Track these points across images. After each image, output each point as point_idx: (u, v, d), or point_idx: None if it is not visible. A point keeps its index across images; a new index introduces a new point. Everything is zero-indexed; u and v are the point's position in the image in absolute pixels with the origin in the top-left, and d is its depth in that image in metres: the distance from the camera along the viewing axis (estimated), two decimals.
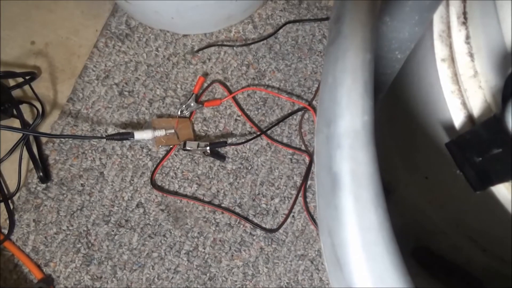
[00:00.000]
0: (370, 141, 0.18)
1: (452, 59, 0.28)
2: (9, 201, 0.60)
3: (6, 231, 0.59)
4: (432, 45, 0.28)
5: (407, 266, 0.18)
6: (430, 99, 0.29)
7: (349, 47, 0.19)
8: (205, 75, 0.65)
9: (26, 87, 0.65)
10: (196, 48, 0.67)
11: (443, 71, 0.28)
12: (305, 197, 0.61)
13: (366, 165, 0.18)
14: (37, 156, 0.61)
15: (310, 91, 0.65)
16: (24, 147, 0.59)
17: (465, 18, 0.27)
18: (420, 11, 0.23)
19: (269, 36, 0.67)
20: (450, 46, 0.28)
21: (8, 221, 0.59)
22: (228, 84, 0.65)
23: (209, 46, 0.66)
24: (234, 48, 0.67)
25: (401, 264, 0.18)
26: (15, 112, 0.63)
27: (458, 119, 0.27)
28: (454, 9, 0.27)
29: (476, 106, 0.26)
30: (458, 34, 0.27)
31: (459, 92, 0.27)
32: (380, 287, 0.17)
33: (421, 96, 0.31)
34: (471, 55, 0.27)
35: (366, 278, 0.18)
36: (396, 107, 0.37)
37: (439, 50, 0.28)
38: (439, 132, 0.29)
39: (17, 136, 0.62)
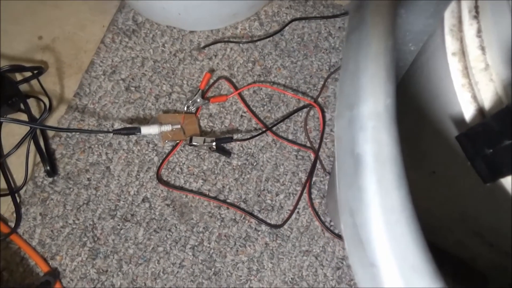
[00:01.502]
0: (392, 123, 0.19)
1: (463, 53, 0.28)
2: (16, 194, 0.60)
3: (13, 225, 0.59)
4: (443, 39, 0.28)
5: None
6: (439, 93, 0.30)
7: (373, 34, 0.19)
8: (211, 71, 0.66)
9: (33, 82, 0.66)
10: (202, 44, 0.67)
11: (453, 65, 0.28)
12: (310, 194, 0.62)
13: (389, 146, 0.18)
14: (44, 150, 0.61)
15: (315, 88, 0.66)
16: (32, 141, 0.60)
17: (477, 12, 0.27)
18: (435, 4, 0.23)
19: (275, 33, 0.68)
20: (461, 40, 0.28)
21: (15, 215, 0.59)
22: (234, 80, 0.66)
23: (215, 42, 0.67)
24: (240, 44, 0.67)
25: (423, 242, 0.18)
26: (22, 106, 0.63)
27: (468, 112, 0.28)
28: (466, 4, 0.28)
29: (487, 99, 0.27)
30: (469, 28, 0.27)
31: (469, 85, 0.28)
32: (403, 264, 0.18)
33: (431, 90, 0.31)
34: (482, 48, 0.27)
35: (389, 256, 0.18)
36: (404, 101, 0.37)
37: (450, 44, 0.28)
38: (449, 126, 0.29)
39: (24, 130, 0.62)
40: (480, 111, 0.28)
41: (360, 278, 0.20)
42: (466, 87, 0.28)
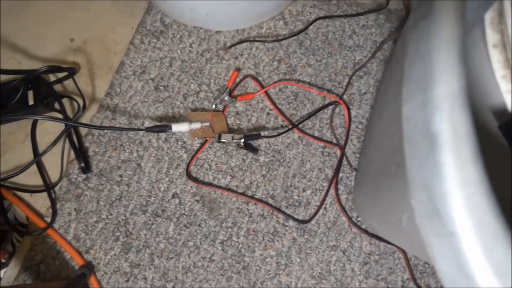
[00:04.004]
0: (467, 103, 0.20)
1: (504, 45, 0.29)
2: (51, 191, 0.62)
3: (49, 220, 0.61)
4: (483, 32, 0.29)
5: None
6: (480, 84, 0.30)
7: (445, 21, 0.20)
8: (238, 70, 0.67)
9: (66, 82, 0.68)
10: (228, 44, 0.69)
11: (494, 57, 0.29)
12: (336, 189, 0.62)
13: (465, 124, 0.19)
14: (78, 148, 0.63)
15: (340, 85, 0.66)
16: (67, 138, 0.62)
17: None
18: None
19: (300, 32, 0.69)
20: (502, 33, 0.29)
21: (50, 210, 0.62)
22: (260, 79, 0.67)
23: (241, 42, 0.68)
24: (266, 44, 0.68)
25: (501, 212, 0.19)
26: (55, 106, 0.65)
27: (510, 102, 0.28)
28: None
29: None
30: (510, 20, 0.28)
31: (510, 76, 0.28)
32: (482, 231, 0.19)
33: (471, 81, 0.32)
34: None
35: (468, 225, 0.20)
36: None
37: (491, 36, 0.29)
38: (489, 116, 0.30)
39: (58, 129, 0.64)
40: None
41: (435, 248, 0.21)
42: (507, 78, 0.29)
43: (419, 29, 0.22)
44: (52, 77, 0.68)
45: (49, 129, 0.66)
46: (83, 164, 0.61)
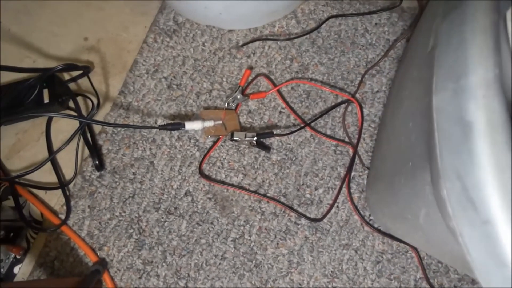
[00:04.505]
0: (501, 92, 0.20)
1: None
2: (66, 188, 0.63)
3: (63, 217, 0.62)
4: (506, 31, 0.29)
5: None
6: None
7: (478, 9, 0.20)
8: (250, 68, 0.67)
9: (80, 81, 0.69)
10: (241, 42, 0.69)
11: None
12: (349, 188, 0.62)
13: (500, 112, 0.19)
14: (92, 146, 0.64)
15: (353, 84, 0.66)
16: (81, 136, 0.62)
17: None
18: None
19: (312, 30, 0.69)
20: None
21: (65, 207, 0.62)
22: (272, 77, 0.67)
23: (253, 40, 0.68)
24: (278, 42, 0.68)
25: None
26: (70, 104, 0.66)
27: None
28: None
29: None
30: None
31: None
32: None
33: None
34: None
35: (505, 212, 0.19)
36: None
37: None
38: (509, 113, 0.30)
39: (72, 127, 0.65)
40: None
41: (469, 238, 0.21)
42: None
43: (452, 18, 0.21)
44: (66, 76, 0.69)
45: (64, 127, 0.66)
46: (97, 162, 0.62)
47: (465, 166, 0.20)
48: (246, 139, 0.62)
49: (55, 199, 0.64)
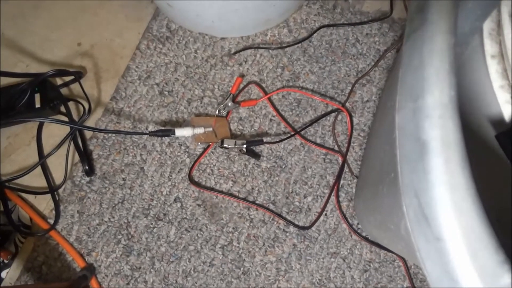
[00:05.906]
0: (456, 113, 0.20)
1: (502, 56, 0.29)
2: (55, 193, 0.63)
3: (52, 221, 0.62)
4: (482, 42, 0.30)
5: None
6: (477, 94, 0.31)
7: (436, 32, 0.21)
8: (241, 76, 0.68)
9: (72, 86, 0.69)
10: (233, 50, 0.69)
11: (493, 67, 0.29)
12: (337, 196, 0.63)
13: (454, 132, 0.20)
14: (83, 151, 0.64)
15: (343, 93, 0.67)
16: (72, 141, 0.63)
17: None
18: (484, 6, 0.24)
19: (304, 39, 0.69)
20: (500, 43, 0.29)
21: (54, 212, 0.62)
22: (263, 85, 0.68)
23: (245, 48, 0.69)
24: (270, 51, 0.69)
25: (486, 218, 0.20)
26: (61, 109, 0.66)
27: (507, 112, 0.29)
28: (506, 8, 0.29)
29: None
30: (509, 31, 0.28)
31: (508, 86, 0.29)
32: (469, 236, 0.19)
33: (468, 91, 0.32)
34: None
35: (456, 230, 0.20)
36: None
37: (489, 47, 0.30)
38: (487, 126, 0.30)
39: (63, 132, 0.65)
40: None
41: (424, 252, 0.22)
42: (505, 88, 0.29)
43: (413, 40, 0.22)
44: (59, 81, 0.69)
45: (55, 131, 0.67)
46: (87, 167, 0.62)
47: (421, 183, 0.21)
48: (236, 146, 0.62)
49: (44, 203, 0.64)
